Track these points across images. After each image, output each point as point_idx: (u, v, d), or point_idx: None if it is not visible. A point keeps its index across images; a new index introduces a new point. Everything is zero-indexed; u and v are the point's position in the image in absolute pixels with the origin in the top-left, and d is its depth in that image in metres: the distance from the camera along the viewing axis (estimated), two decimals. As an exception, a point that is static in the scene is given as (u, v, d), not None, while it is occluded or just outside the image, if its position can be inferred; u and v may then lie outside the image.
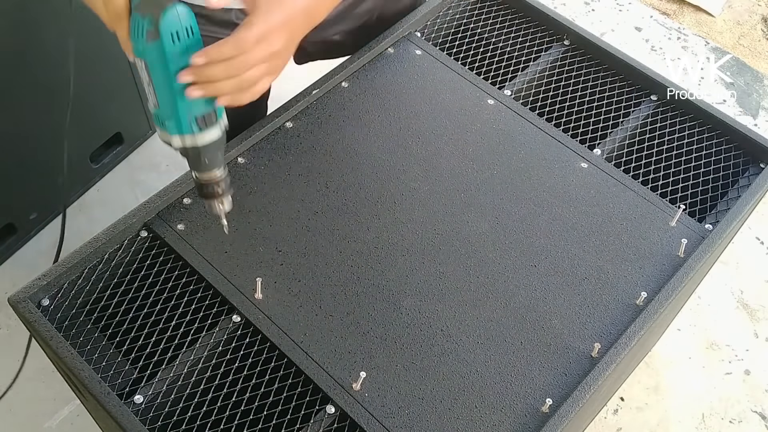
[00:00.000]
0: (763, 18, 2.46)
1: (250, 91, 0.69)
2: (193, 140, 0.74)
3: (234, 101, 0.69)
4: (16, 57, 1.48)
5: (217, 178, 0.79)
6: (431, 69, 1.16)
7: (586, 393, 0.86)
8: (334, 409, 0.85)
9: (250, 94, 0.69)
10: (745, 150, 1.13)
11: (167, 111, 0.72)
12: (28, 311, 0.88)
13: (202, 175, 0.79)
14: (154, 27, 0.65)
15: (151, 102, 0.72)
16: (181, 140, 0.74)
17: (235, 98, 0.69)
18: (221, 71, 0.66)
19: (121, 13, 0.67)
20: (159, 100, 0.71)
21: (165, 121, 0.72)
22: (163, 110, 0.72)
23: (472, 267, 0.96)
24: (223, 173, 0.79)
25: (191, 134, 0.73)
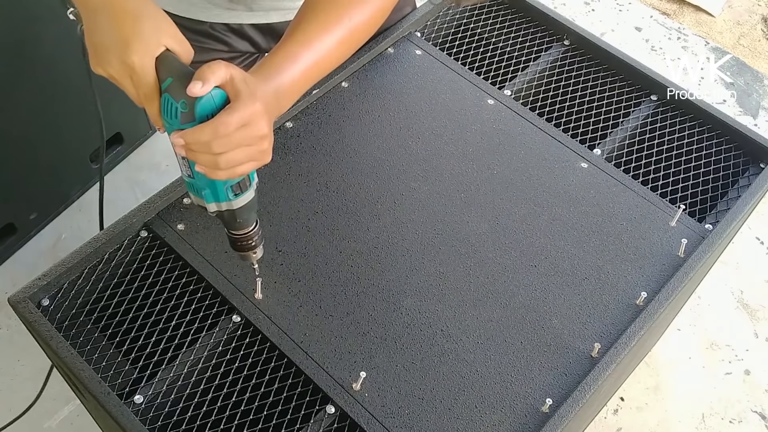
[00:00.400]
0: (763, 18, 2.46)
1: (230, 171, 0.71)
2: (229, 205, 0.76)
3: (211, 175, 0.71)
4: (16, 57, 1.48)
5: (251, 233, 0.81)
6: (431, 69, 1.16)
7: (586, 393, 0.86)
8: (334, 409, 0.85)
9: (229, 174, 0.71)
10: (745, 150, 1.13)
11: (202, 182, 0.74)
12: (28, 311, 0.88)
13: (237, 232, 0.81)
14: (189, 110, 0.68)
15: (185, 173, 0.74)
16: (217, 206, 0.76)
17: (211, 173, 0.71)
18: (199, 149, 0.68)
19: (152, 95, 0.69)
20: (194, 173, 0.73)
21: (200, 190, 0.75)
22: (198, 181, 0.74)
23: (472, 267, 0.96)
24: (256, 227, 0.82)
25: (227, 201, 0.76)
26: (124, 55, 0.67)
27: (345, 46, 0.82)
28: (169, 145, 0.72)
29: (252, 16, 0.99)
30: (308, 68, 0.78)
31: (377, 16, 0.83)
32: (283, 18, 1.02)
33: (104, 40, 0.69)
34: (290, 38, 0.78)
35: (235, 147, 0.68)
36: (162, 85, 0.69)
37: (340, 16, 0.80)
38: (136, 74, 0.68)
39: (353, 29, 0.81)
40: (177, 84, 0.68)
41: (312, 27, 0.78)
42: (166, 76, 0.69)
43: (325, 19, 0.79)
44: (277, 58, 0.77)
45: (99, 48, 0.69)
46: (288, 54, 0.77)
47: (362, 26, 0.82)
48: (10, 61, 1.47)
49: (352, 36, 0.82)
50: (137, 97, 0.71)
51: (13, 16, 1.42)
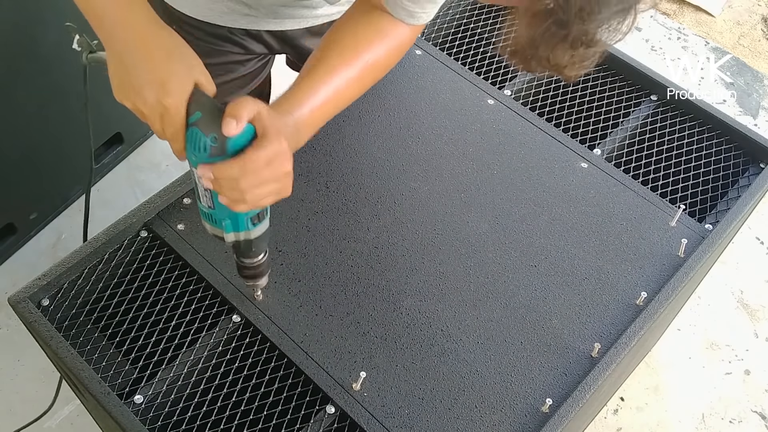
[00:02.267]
0: (763, 18, 2.46)
1: (254, 204, 0.72)
2: (247, 235, 0.78)
3: (234, 208, 0.72)
4: (16, 58, 1.47)
5: (262, 261, 0.83)
6: (431, 69, 1.16)
7: (586, 393, 0.86)
8: (334, 409, 0.85)
9: (252, 206, 0.72)
10: (745, 150, 1.13)
11: (223, 214, 0.75)
12: (28, 311, 0.88)
13: (248, 261, 0.82)
14: (220, 145, 0.68)
15: (205, 204, 0.75)
16: (236, 236, 0.77)
17: (235, 206, 0.72)
18: (223, 187, 0.70)
19: (179, 133, 0.70)
20: (216, 204, 0.74)
21: (220, 221, 0.76)
22: (219, 213, 0.75)
23: (472, 267, 0.96)
24: (266, 256, 0.83)
25: (246, 231, 0.77)
26: (160, 96, 0.68)
27: (363, 82, 0.84)
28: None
29: (270, 23, 1.00)
30: (326, 102, 0.80)
31: (395, 53, 0.85)
32: (297, 26, 1.03)
33: (137, 76, 0.69)
34: (310, 73, 0.80)
35: (261, 183, 0.70)
36: (189, 119, 0.69)
37: (359, 52, 0.81)
38: (168, 114, 0.69)
39: (372, 65, 0.83)
40: (207, 119, 0.68)
41: (332, 62, 0.80)
42: (194, 110, 0.69)
43: (344, 54, 0.81)
44: (297, 92, 0.78)
45: (130, 83, 0.69)
46: (308, 88, 0.78)
47: (381, 63, 0.84)
48: (11, 62, 1.47)
49: (371, 72, 0.83)
50: (162, 133, 0.71)
51: (13, 17, 1.42)
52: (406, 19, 0.82)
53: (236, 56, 1.05)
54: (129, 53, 0.69)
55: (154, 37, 0.70)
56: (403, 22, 0.82)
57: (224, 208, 0.73)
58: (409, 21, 0.83)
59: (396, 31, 0.83)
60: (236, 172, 0.68)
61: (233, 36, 1.01)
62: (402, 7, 0.81)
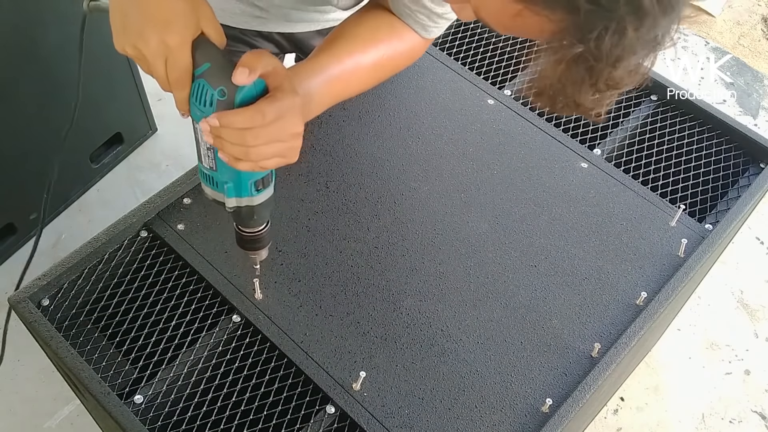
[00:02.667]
0: (763, 18, 2.46)
1: (257, 164, 0.68)
2: (250, 201, 0.74)
3: (235, 165, 0.69)
4: (16, 57, 1.47)
5: (263, 231, 0.79)
6: (431, 69, 1.16)
7: (586, 393, 0.86)
8: (334, 409, 0.85)
9: (254, 166, 0.68)
10: (745, 150, 1.13)
11: (226, 175, 0.71)
12: (28, 311, 0.88)
13: (249, 230, 0.79)
14: (228, 98, 0.65)
15: (207, 164, 0.71)
16: (237, 201, 0.73)
17: (237, 163, 0.68)
18: (229, 137, 0.66)
19: (184, 79, 0.66)
20: (218, 165, 0.70)
21: (223, 183, 0.72)
22: (221, 174, 0.71)
23: (472, 267, 0.96)
24: (268, 226, 0.80)
25: (249, 196, 0.73)
26: (163, 34, 0.64)
27: (374, 73, 0.83)
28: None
29: (281, 26, 1.00)
30: (339, 79, 0.79)
31: (407, 57, 0.86)
32: (308, 28, 1.03)
33: (139, 17, 0.64)
34: (326, 50, 0.79)
35: (268, 140, 0.66)
36: (196, 71, 0.66)
37: (375, 43, 0.82)
38: (173, 55, 0.65)
39: (385, 59, 0.83)
40: (215, 70, 0.65)
41: (348, 46, 0.80)
42: (202, 61, 0.65)
43: (361, 42, 0.81)
44: (313, 63, 0.77)
45: (132, 25, 0.65)
46: (323, 62, 0.78)
47: (393, 60, 0.84)
48: (11, 61, 1.47)
49: (382, 66, 0.83)
50: (165, 80, 0.67)
51: (13, 17, 1.42)
52: (419, 32, 0.84)
53: None
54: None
55: None
56: (416, 33, 0.84)
57: (227, 169, 0.70)
58: (422, 34, 0.85)
59: (410, 36, 0.84)
60: (242, 122, 0.64)
61: (244, 37, 1.01)
62: (416, 20, 0.83)
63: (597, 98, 0.55)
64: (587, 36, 0.49)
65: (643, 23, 0.48)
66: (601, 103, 0.56)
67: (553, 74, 0.53)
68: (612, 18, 0.48)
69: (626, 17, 0.48)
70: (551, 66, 0.53)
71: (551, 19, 0.50)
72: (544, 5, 0.49)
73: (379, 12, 0.84)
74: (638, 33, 0.49)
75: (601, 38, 0.49)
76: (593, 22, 0.48)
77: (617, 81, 0.53)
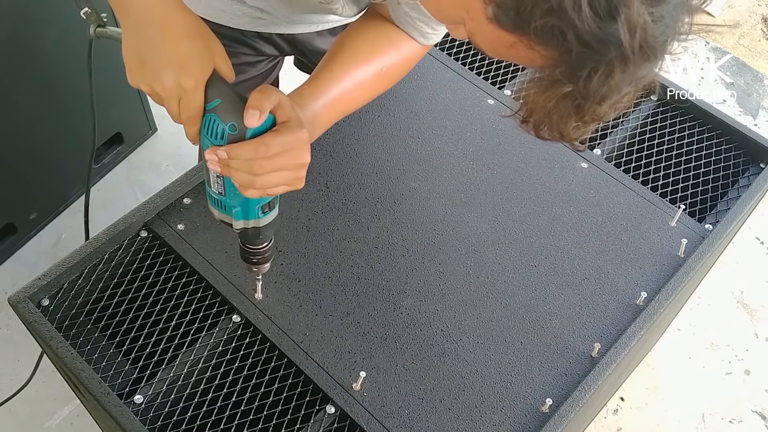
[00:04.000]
0: (763, 18, 2.46)
1: (264, 191, 0.71)
2: (256, 223, 0.76)
3: (243, 192, 0.71)
4: (17, 57, 1.47)
5: (267, 248, 0.82)
6: (431, 69, 1.16)
7: (586, 393, 0.86)
8: (334, 409, 0.85)
9: (261, 192, 0.71)
10: (745, 150, 1.13)
11: (235, 200, 0.74)
12: (28, 311, 0.87)
13: (254, 248, 0.81)
14: (239, 133, 0.67)
15: (216, 189, 0.74)
16: (245, 224, 0.76)
17: (244, 190, 0.71)
18: (237, 167, 0.68)
19: (196, 117, 0.69)
20: (227, 191, 0.73)
21: (231, 207, 0.74)
22: (230, 199, 0.74)
23: (472, 267, 0.96)
24: (271, 243, 0.82)
25: (255, 219, 0.76)
26: (179, 77, 0.66)
27: (374, 87, 0.85)
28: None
29: (282, 27, 1.01)
30: (339, 99, 0.81)
31: (405, 65, 0.87)
32: (308, 30, 1.03)
33: (155, 59, 0.67)
34: (325, 70, 0.81)
35: (273, 170, 0.69)
36: (207, 105, 0.68)
37: (373, 57, 0.83)
38: (187, 97, 0.67)
39: (384, 71, 0.84)
40: (226, 106, 0.68)
41: (346, 63, 0.82)
42: (213, 97, 0.68)
43: (359, 57, 0.82)
44: (313, 86, 0.79)
45: (148, 66, 0.67)
46: (323, 84, 0.80)
47: (392, 71, 0.86)
48: (11, 61, 1.47)
49: (382, 78, 0.85)
50: (178, 116, 0.69)
51: (13, 17, 1.42)
52: (418, 38, 0.85)
53: (248, 57, 1.05)
54: (148, 32, 0.67)
55: (176, 17, 0.68)
56: (414, 40, 0.85)
57: (236, 195, 0.72)
58: (421, 40, 0.86)
59: (408, 45, 0.86)
60: (248, 153, 0.67)
61: (245, 38, 1.02)
62: (414, 27, 0.84)
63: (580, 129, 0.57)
64: (577, 74, 0.51)
65: (630, 66, 0.51)
66: (583, 133, 0.58)
67: (541, 107, 0.55)
68: (602, 60, 0.50)
69: (615, 60, 0.50)
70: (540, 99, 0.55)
71: (543, 54, 0.51)
72: (537, 41, 0.50)
73: (376, 23, 0.85)
74: (625, 74, 0.51)
75: (590, 78, 0.51)
76: (584, 63, 0.50)
77: (601, 115, 0.55)
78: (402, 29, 0.84)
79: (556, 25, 0.48)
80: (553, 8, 0.47)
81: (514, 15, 0.50)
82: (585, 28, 0.47)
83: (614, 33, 0.48)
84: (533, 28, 0.49)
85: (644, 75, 0.53)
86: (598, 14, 0.47)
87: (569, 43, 0.49)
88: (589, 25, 0.47)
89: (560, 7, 0.47)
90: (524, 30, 0.50)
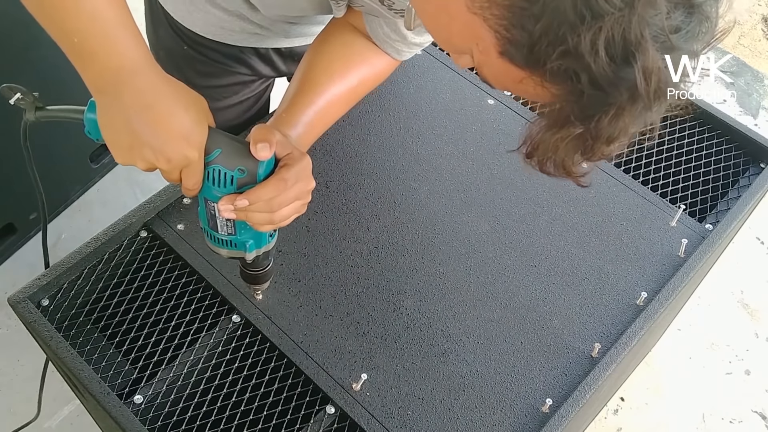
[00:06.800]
0: (763, 18, 2.46)
1: (278, 224, 0.73)
2: (267, 248, 0.79)
3: (259, 229, 0.73)
4: (16, 56, 1.47)
5: (270, 267, 0.84)
6: (431, 69, 1.16)
7: (586, 393, 0.86)
8: (334, 410, 0.85)
9: (276, 225, 0.73)
10: (745, 150, 1.13)
11: (246, 236, 0.75)
12: (28, 311, 0.87)
13: (258, 269, 0.83)
14: (249, 175, 0.68)
15: (225, 232, 0.75)
16: (257, 252, 0.78)
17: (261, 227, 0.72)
18: (259, 209, 0.70)
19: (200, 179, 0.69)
20: (238, 230, 0.74)
21: (243, 244, 0.76)
22: (241, 236, 0.75)
23: (472, 267, 0.96)
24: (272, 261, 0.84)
25: (266, 244, 0.78)
26: (184, 151, 0.65)
27: (348, 103, 0.86)
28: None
29: (280, 41, 1.01)
30: (317, 121, 0.82)
31: (377, 80, 0.88)
32: (304, 42, 1.03)
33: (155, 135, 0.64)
34: (300, 93, 0.82)
35: (290, 202, 0.71)
36: (207, 158, 0.68)
37: (347, 73, 0.84)
38: (192, 165, 0.67)
39: (359, 83, 0.85)
40: (229, 154, 0.68)
41: (321, 83, 0.83)
42: (212, 149, 0.68)
43: (332, 76, 0.83)
44: (291, 113, 0.81)
45: (146, 144, 0.64)
46: (300, 109, 0.81)
47: (368, 81, 0.87)
48: (11, 61, 1.47)
49: (357, 89, 0.86)
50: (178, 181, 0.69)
51: (13, 17, 1.42)
52: (392, 55, 0.86)
53: (243, 77, 1.05)
54: (140, 110, 0.64)
55: (166, 88, 0.66)
56: (388, 56, 0.86)
57: (247, 230, 0.74)
58: (395, 57, 0.87)
59: (381, 60, 0.87)
60: (271, 192, 0.69)
61: (242, 55, 1.01)
62: (391, 46, 0.85)
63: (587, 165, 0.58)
64: (587, 115, 0.51)
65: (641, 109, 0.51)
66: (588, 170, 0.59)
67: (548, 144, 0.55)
68: (613, 103, 0.50)
69: (626, 103, 0.50)
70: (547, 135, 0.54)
71: (552, 92, 0.51)
72: (549, 79, 0.50)
73: (346, 38, 0.85)
74: (634, 117, 0.51)
75: (601, 120, 0.50)
76: (594, 105, 0.50)
77: (608, 153, 0.55)
78: (377, 45, 0.85)
79: (570, 67, 0.48)
80: (569, 51, 0.47)
81: (527, 53, 0.49)
82: (600, 72, 0.47)
83: (628, 77, 0.48)
84: (547, 68, 0.49)
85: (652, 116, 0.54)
86: (614, 59, 0.47)
87: (582, 84, 0.48)
88: (605, 69, 0.47)
89: (576, 50, 0.46)
90: (536, 68, 0.50)
